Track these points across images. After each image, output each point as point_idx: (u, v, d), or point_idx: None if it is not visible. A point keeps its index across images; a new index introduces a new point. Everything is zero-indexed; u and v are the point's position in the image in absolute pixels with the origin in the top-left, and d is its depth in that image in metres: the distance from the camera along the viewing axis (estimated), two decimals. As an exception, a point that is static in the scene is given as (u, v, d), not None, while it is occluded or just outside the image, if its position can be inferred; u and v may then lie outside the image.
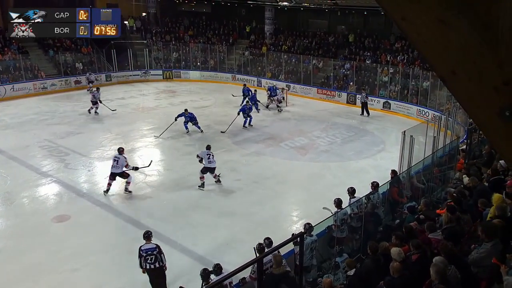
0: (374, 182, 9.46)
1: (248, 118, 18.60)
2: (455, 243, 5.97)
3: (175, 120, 17.31)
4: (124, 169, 11.87)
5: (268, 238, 7.36)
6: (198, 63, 30.18)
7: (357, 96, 22.75)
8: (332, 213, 8.47)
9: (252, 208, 11.40)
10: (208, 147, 12.94)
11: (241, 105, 20.17)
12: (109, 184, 11.99)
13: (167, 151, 16.06)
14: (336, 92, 24.56)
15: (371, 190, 9.17)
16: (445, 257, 5.23)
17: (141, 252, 7.77)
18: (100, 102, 20.18)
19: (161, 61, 29.99)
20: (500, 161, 8.64)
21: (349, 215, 8.64)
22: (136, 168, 12.41)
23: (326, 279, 5.94)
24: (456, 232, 6.35)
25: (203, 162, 12.48)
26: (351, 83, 24.49)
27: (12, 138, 16.90)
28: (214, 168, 12.58)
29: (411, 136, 10.93)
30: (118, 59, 28.38)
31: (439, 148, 11.21)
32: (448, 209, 6.86)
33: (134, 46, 29.79)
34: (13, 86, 23.84)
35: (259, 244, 7.24)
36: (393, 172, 10.30)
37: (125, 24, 30.94)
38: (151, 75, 28.96)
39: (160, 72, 29.30)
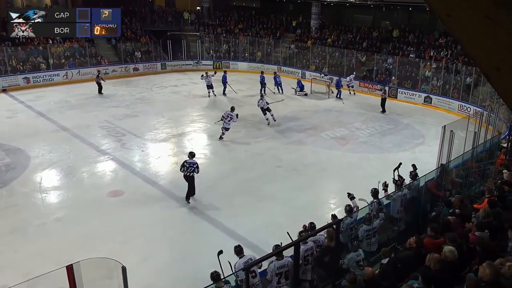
0: (411, 171, 9.27)
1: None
2: (491, 238, 5.71)
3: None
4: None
5: (311, 223, 7.18)
6: (246, 55, 30.29)
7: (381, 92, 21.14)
8: (367, 203, 8.29)
9: (291, 194, 11.35)
10: (232, 108, 15.44)
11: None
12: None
13: (215, 136, 16.14)
14: (378, 85, 23.93)
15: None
16: (483, 251, 4.98)
17: (185, 164, 10.49)
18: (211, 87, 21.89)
19: (212, 52, 30.32)
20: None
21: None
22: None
23: (368, 268, 5.80)
24: (493, 227, 6.06)
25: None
26: (393, 77, 23.78)
27: (76, 117, 17.67)
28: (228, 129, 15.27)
29: (451, 131, 10.44)
30: (173, 49, 28.92)
31: (479, 143, 10.68)
32: (489, 202, 6.54)
33: (188, 37, 30.28)
34: (79, 70, 25.07)
35: (305, 225, 7.12)
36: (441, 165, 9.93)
37: (182, 16, 31.61)
38: (202, 64, 29.29)
39: (211, 62, 29.62)
